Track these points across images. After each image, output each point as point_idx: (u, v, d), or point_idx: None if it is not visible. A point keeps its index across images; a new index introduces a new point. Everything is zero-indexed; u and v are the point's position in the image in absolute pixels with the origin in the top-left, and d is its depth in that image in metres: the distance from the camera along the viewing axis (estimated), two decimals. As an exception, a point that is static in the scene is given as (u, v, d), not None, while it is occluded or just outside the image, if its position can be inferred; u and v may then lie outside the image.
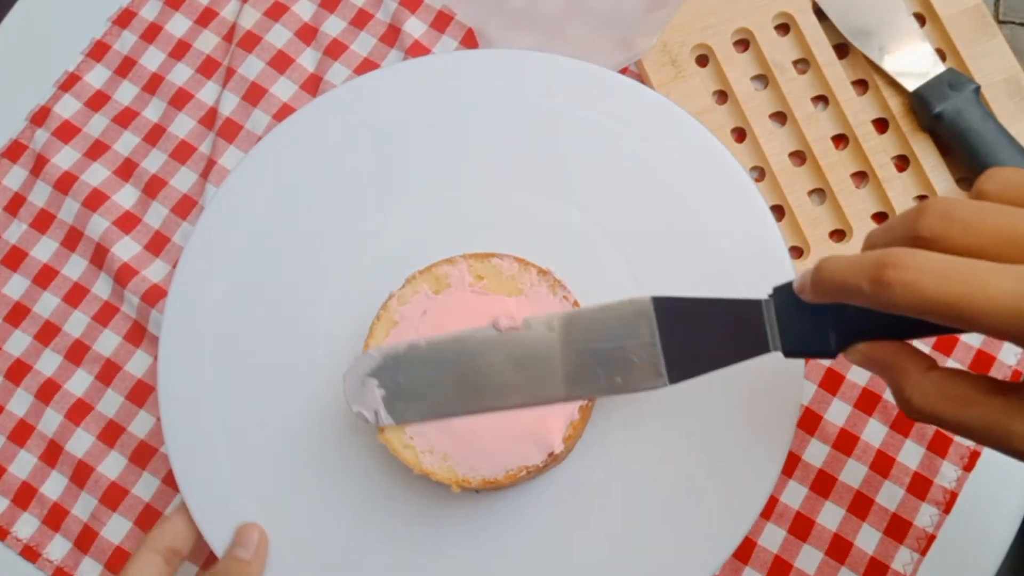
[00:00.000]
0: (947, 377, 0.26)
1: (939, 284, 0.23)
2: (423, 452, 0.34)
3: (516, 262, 0.36)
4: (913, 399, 0.26)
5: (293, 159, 0.41)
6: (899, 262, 0.24)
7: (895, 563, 0.42)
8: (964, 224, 0.24)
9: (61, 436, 0.45)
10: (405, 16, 0.48)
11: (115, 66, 0.50)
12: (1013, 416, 0.25)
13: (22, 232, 0.47)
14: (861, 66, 0.47)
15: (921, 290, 0.23)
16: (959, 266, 0.23)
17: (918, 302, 0.24)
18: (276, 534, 0.38)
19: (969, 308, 0.23)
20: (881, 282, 0.24)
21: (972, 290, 0.23)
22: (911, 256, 0.24)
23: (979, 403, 0.25)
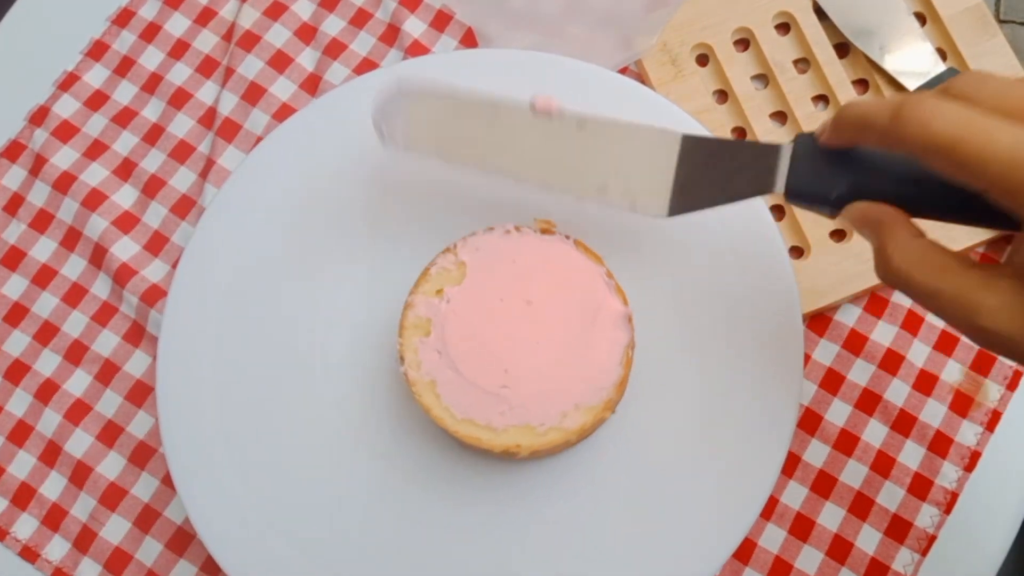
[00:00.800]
0: (931, 245, 0.27)
1: (950, 125, 0.24)
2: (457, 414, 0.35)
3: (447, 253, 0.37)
4: (894, 258, 0.27)
5: (293, 160, 0.41)
6: (919, 101, 0.25)
7: (896, 564, 0.42)
8: (993, 89, 0.25)
9: (60, 436, 0.45)
10: (404, 15, 0.48)
11: (114, 65, 0.49)
12: (986, 290, 0.25)
13: (21, 232, 0.47)
14: (862, 65, 0.47)
15: (933, 127, 0.24)
16: (973, 115, 0.24)
17: (927, 138, 0.24)
18: (276, 532, 0.38)
19: (971, 149, 0.24)
20: (898, 116, 0.25)
21: (980, 136, 0.24)
22: (933, 99, 0.25)
23: (956, 272, 0.26)
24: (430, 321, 0.36)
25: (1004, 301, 0.25)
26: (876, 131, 0.26)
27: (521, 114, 0.35)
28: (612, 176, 0.34)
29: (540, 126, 0.34)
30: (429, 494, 0.38)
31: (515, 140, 0.35)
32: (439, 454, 0.38)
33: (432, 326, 0.36)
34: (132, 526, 0.43)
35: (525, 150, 0.34)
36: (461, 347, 0.35)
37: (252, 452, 0.39)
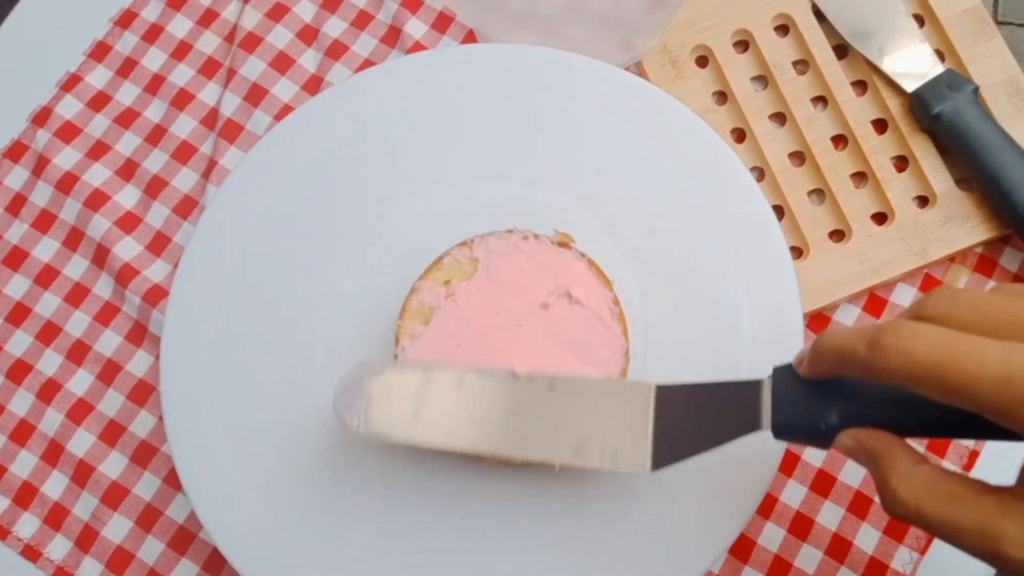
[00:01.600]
0: (937, 472, 0.25)
1: (932, 350, 0.23)
2: None
3: (463, 247, 0.37)
4: (899, 490, 0.25)
5: (293, 158, 0.41)
6: (896, 328, 0.24)
7: (894, 562, 0.42)
8: (967, 305, 0.24)
9: (62, 436, 0.45)
10: (406, 17, 0.49)
11: (117, 67, 0.50)
12: (1005, 516, 0.23)
13: (23, 232, 0.47)
14: (860, 67, 0.47)
15: (914, 355, 0.23)
16: (954, 336, 0.23)
17: (910, 367, 0.23)
18: (280, 529, 0.38)
19: (958, 374, 0.23)
20: (877, 345, 0.24)
21: (963, 357, 0.23)
22: (909, 324, 0.24)
23: (969, 500, 0.24)
24: (432, 311, 0.36)
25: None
26: (855, 364, 0.25)
27: (489, 381, 0.34)
28: (588, 436, 0.32)
29: (509, 392, 0.33)
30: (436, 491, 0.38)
31: (485, 410, 0.33)
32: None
33: (433, 318, 0.36)
34: (134, 525, 0.44)
35: (496, 419, 0.33)
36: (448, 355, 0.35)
37: (256, 448, 0.39)
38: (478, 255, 0.37)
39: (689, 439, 0.31)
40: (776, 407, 0.29)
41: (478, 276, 0.36)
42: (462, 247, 0.37)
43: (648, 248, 0.40)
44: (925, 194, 0.45)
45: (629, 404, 0.32)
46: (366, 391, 0.34)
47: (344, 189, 0.41)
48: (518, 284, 0.36)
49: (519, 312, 0.36)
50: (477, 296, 0.36)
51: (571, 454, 0.32)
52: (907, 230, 0.44)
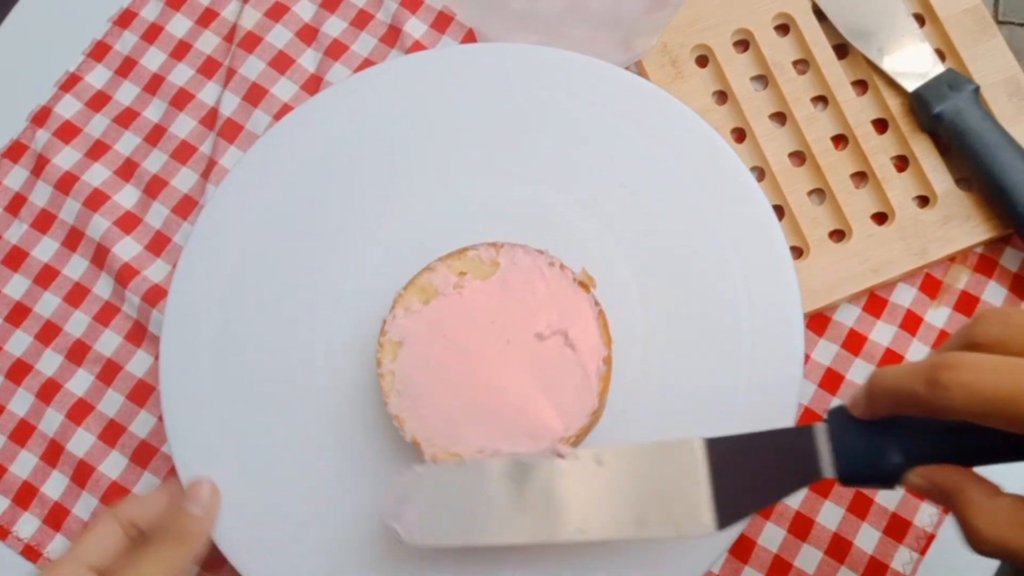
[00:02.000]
0: (1016, 503, 0.25)
1: (992, 380, 0.23)
2: (426, 446, 0.35)
3: (491, 247, 0.37)
4: (982, 528, 0.25)
5: (292, 157, 0.41)
6: (956, 363, 0.24)
7: (894, 563, 0.42)
8: (1020, 327, 0.24)
9: (62, 436, 0.45)
10: (405, 16, 0.49)
11: (116, 66, 0.50)
12: None
13: (23, 232, 0.47)
14: (861, 66, 0.47)
15: (979, 388, 0.23)
16: (1013, 363, 0.23)
17: (976, 401, 0.23)
18: (279, 528, 0.38)
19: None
20: (938, 383, 0.24)
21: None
22: (965, 356, 0.24)
23: None
24: (436, 293, 0.36)
25: None
26: (916, 404, 0.25)
27: (534, 465, 0.33)
28: (647, 506, 0.31)
29: (556, 474, 0.32)
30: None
31: (535, 497, 0.32)
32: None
33: (434, 300, 0.36)
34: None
35: (548, 504, 0.32)
36: (422, 377, 0.35)
37: (256, 447, 0.39)
38: (501, 260, 0.36)
39: (750, 492, 0.31)
40: (839, 454, 0.29)
41: (493, 280, 0.36)
42: (489, 247, 0.37)
43: (648, 247, 0.39)
44: (925, 194, 0.45)
45: (682, 465, 0.31)
46: (413, 501, 0.33)
47: (343, 188, 0.41)
48: (526, 305, 0.36)
49: (513, 330, 0.35)
50: (483, 298, 0.36)
51: (633, 528, 0.32)
52: (907, 230, 0.44)
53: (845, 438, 0.29)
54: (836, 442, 0.29)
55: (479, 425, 0.34)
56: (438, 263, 0.37)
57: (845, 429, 0.29)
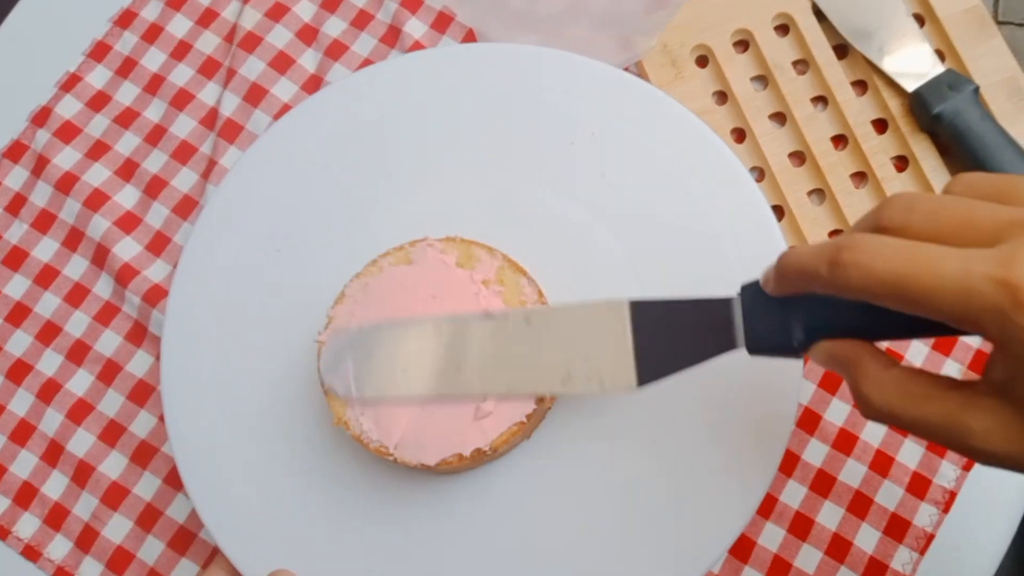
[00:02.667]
0: (906, 374, 0.26)
1: (890, 263, 0.23)
2: (376, 441, 0.35)
3: (492, 251, 0.37)
4: (872, 396, 0.26)
5: (290, 157, 0.41)
6: (855, 244, 0.24)
7: (894, 563, 0.42)
8: (923, 213, 0.24)
9: (62, 436, 0.45)
10: (406, 17, 0.49)
11: (116, 67, 0.50)
12: (971, 411, 0.24)
13: (23, 232, 0.47)
14: (860, 67, 0.47)
15: (873, 269, 0.24)
16: (911, 247, 0.24)
17: (870, 282, 0.24)
18: (281, 528, 0.38)
19: (917, 286, 0.23)
20: (837, 263, 0.24)
21: (921, 269, 0.23)
22: (867, 239, 0.24)
23: (937, 399, 0.25)
24: (410, 261, 0.36)
25: (991, 422, 0.24)
26: (818, 282, 0.26)
27: (465, 325, 0.34)
28: (573, 364, 0.33)
29: (487, 333, 0.34)
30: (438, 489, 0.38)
31: (468, 354, 0.34)
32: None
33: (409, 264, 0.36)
34: (134, 525, 0.44)
35: (480, 362, 0.33)
36: None
37: (257, 447, 0.39)
38: (495, 259, 0.36)
39: (669, 355, 0.32)
40: (748, 325, 0.30)
41: (480, 265, 0.36)
42: (492, 252, 0.37)
43: (647, 249, 0.39)
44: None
45: (607, 325, 0.32)
46: (349, 357, 0.34)
47: (343, 188, 0.41)
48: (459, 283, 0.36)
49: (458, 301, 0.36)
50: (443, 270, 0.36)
51: (559, 385, 0.33)
52: (907, 230, 0.44)
53: (756, 311, 0.30)
54: (746, 315, 0.30)
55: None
56: (434, 239, 0.37)
57: (756, 303, 0.30)
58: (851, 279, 0.24)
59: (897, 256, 0.24)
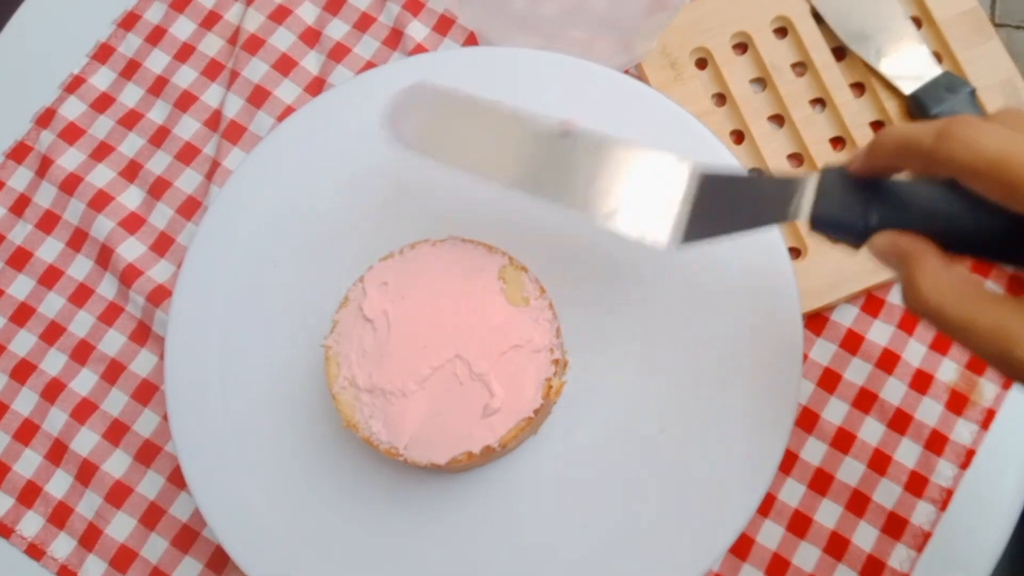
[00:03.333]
0: (964, 275, 0.26)
1: (998, 144, 0.24)
2: (386, 442, 0.35)
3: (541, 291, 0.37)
4: (923, 288, 0.26)
5: (294, 159, 0.42)
6: (965, 120, 0.25)
7: (892, 560, 0.42)
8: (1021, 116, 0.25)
9: (66, 435, 0.45)
10: (408, 19, 0.49)
11: (120, 68, 0.50)
12: (1021, 320, 0.24)
13: (28, 233, 0.48)
14: (858, 69, 0.47)
15: (980, 147, 0.24)
16: (1017, 135, 0.24)
17: (974, 159, 0.24)
18: (284, 527, 0.38)
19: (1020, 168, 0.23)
20: (944, 135, 0.25)
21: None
22: (976, 120, 0.25)
23: (990, 303, 0.25)
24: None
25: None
26: (919, 153, 0.26)
27: (538, 129, 0.34)
28: (623, 202, 0.32)
29: (556, 143, 0.33)
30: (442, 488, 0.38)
31: (530, 155, 0.34)
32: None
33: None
34: (138, 523, 0.44)
35: (539, 166, 0.33)
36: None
37: (261, 446, 0.39)
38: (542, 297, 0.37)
39: (722, 219, 0.31)
40: (819, 200, 0.29)
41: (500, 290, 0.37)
42: (492, 251, 0.37)
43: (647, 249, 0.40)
44: (922, 195, 0.45)
45: (669, 178, 0.32)
46: (418, 113, 0.34)
47: (345, 189, 0.41)
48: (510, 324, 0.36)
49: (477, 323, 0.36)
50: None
51: (603, 216, 0.33)
52: (905, 231, 0.44)
53: (831, 190, 0.29)
54: (820, 191, 0.29)
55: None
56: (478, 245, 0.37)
57: (834, 184, 0.29)
58: (955, 152, 0.24)
59: (1005, 137, 0.24)
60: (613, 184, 0.33)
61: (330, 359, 0.36)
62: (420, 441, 0.35)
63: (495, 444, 0.34)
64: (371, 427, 0.35)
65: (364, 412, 0.35)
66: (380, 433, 0.35)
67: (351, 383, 0.36)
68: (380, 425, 0.35)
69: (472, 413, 0.35)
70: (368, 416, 0.35)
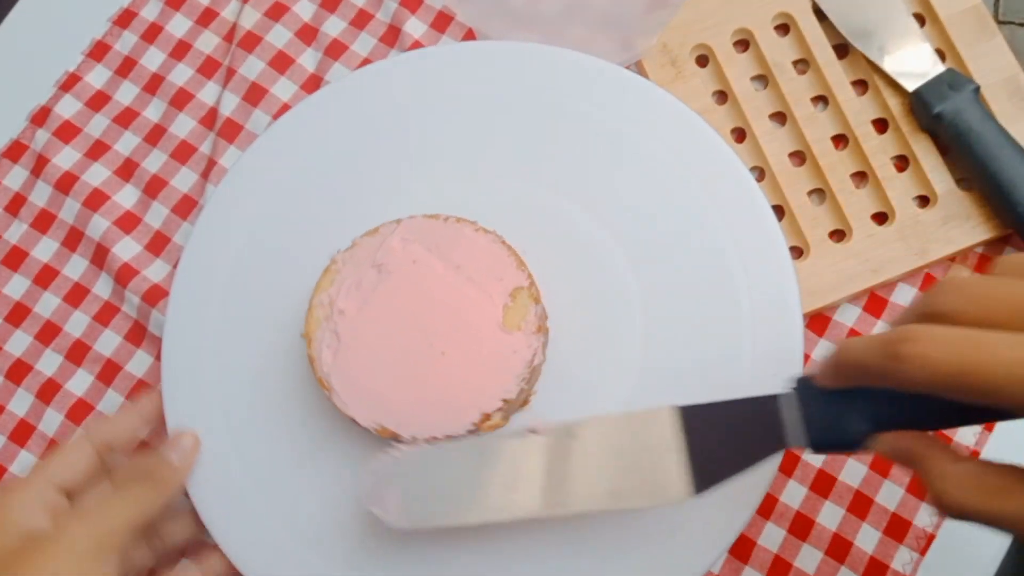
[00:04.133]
0: (979, 467, 0.25)
1: (950, 354, 0.23)
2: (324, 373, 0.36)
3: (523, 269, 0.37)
4: (947, 492, 0.25)
5: (290, 156, 0.42)
6: (911, 335, 0.24)
7: (894, 563, 0.42)
8: (976, 297, 0.24)
9: (62, 436, 0.45)
10: (405, 16, 0.49)
11: (116, 66, 0.50)
12: None
13: (23, 232, 0.48)
14: (861, 66, 0.47)
15: (933, 361, 0.23)
16: (970, 336, 0.23)
17: (931, 374, 0.23)
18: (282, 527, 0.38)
19: (980, 376, 0.23)
20: (896, 356, 0.24)
21: (983, 357, 0.23)
22: (923, 330, 0.24)
23: (1015, 492, 0.24)
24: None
25: None
26: (875, 375, 0.25)
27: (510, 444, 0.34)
28: (622, 478, 0.32)
29: (531, 452, 0.33)
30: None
31: (514, 475, 0.33)
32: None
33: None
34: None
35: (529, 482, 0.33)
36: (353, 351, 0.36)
37: (258, 447, 0.39)
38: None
39: (723, 460, 0.31)
40: (808, 423, 0.29)
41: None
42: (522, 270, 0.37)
43: (648, 247, 0.40)
44: (925, 194, 0.45)
45: (655, 435, 0.32)
46: (393, 484, 0.34)
47: (342, 187, 0.41)
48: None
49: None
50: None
51: (608, 500, 0.32)
52: (907, 230, 0.44)
53: (813, 407, 0.29)
54: (804, 411, 0.29)
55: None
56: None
57: (812, 398, 0.30)
58: (911, 372, 0.24)
59: (957, 346, 0.23)
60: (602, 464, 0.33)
61: (329, 273, 0.37)
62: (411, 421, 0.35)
63: (481, 420, 0.35)
64: (321, 353, 0.36)
65: (323, 338, 0.36)
66: (325, 359, 0.36)
67: (331, 304, 0.36)
68: (330, 356, 0.36)
69: (459, 394, 0.35)
70: (321, 342, 0.36)
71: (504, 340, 0.35)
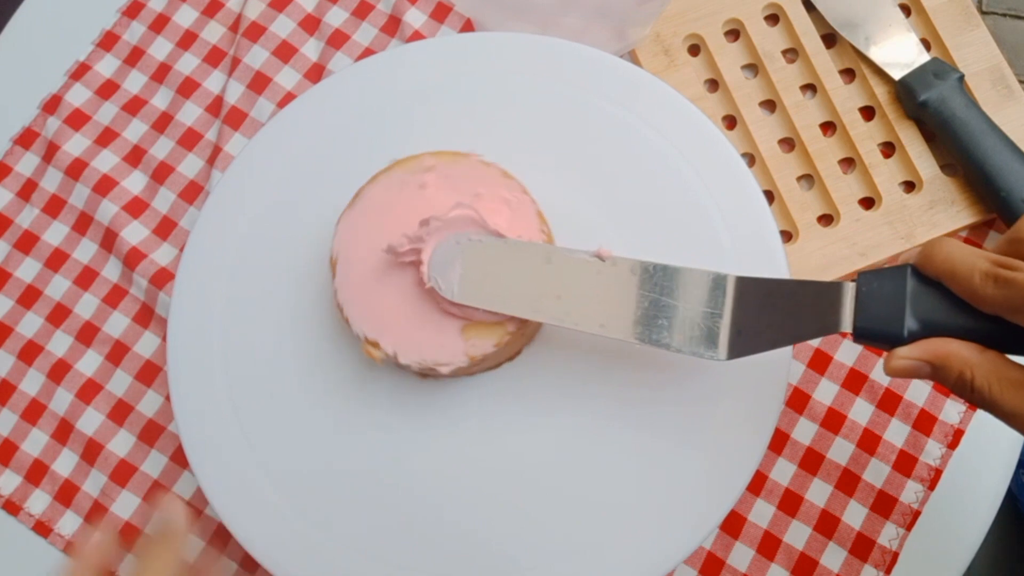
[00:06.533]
0: (1004, 359, 0.26)
1: None
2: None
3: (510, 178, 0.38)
4: (977, 383, 0.26)
5: (293, 144, 0.42)
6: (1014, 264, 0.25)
7: (881, 538, 0.43)
8: None
9: (72, 415, 0.46)
10: (405, 6, 0.49)
11: (124, 56, 0.51)
12: None
13: (34, 217, 0.48)
14: (848, 56, 0.48)
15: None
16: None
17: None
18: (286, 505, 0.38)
19: None
20: (1000, 281, 0.25)
21: None
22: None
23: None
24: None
25: None
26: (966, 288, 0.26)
27: (576, 260, 0.35)
28: (670, 320, 0.33)
29: (594, 273, 0.34)
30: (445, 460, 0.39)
31: (569, 287, 0.34)
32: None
33: None
34: (142, 501, 0.45)
35: (580, 297, 0.34)
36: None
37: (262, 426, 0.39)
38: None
39: (766, 332, 0.32)
40: (860, 311, 0.30)
41: None
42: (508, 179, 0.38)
43: (641, 232, 0.40)
44: (911, 179, 0.46)
45: (710, 293, 0.33)
46: (457, 264, 0.35)
47: (345, 174, 0.42)
48: None
49: None
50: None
51: (649, 336, 0.33)
52: (894, 214, 0.45)
53: (871, 300, 0.30)
54: (860, 301, 0.30)
55: None
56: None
57: (872, 291, 0.30)
58: (1016, 299, 0.25)
59: None
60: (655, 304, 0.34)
61: None
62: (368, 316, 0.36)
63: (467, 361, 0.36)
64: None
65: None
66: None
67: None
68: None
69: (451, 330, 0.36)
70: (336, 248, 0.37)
71: None
